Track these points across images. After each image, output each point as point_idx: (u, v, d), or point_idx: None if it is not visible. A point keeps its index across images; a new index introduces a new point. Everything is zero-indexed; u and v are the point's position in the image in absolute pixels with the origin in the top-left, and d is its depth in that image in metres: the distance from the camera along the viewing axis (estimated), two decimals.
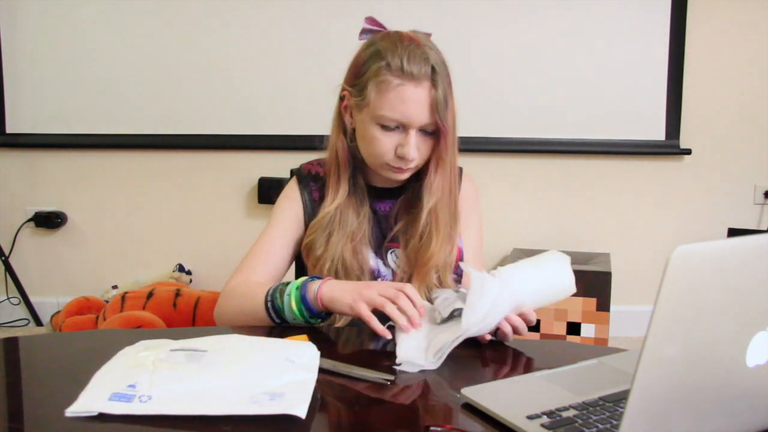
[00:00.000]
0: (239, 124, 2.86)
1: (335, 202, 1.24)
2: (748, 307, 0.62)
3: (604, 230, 2.91)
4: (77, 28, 2.84)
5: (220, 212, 2.95)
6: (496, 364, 1.01)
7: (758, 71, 2.80)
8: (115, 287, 2.88)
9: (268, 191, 2.86)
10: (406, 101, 1.13)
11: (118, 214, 2.96)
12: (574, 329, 2.53)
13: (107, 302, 2.60)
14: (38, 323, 2.95)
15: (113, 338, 1.17)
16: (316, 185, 1.29)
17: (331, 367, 0.91)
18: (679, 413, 0.62)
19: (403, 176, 1.22)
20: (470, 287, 0.99)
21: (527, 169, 2.89)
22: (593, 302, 2.50)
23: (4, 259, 2.88)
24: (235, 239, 2.93)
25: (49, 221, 2.92)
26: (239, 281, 1.21)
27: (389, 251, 1.26)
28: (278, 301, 1.09)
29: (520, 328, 1.04)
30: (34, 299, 2.95)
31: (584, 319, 2.52)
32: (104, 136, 2.89)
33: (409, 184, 1.27)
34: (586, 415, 0.76)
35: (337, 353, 1.00)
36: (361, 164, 1.26)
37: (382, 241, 1.27)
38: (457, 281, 1.27)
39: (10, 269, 2.89)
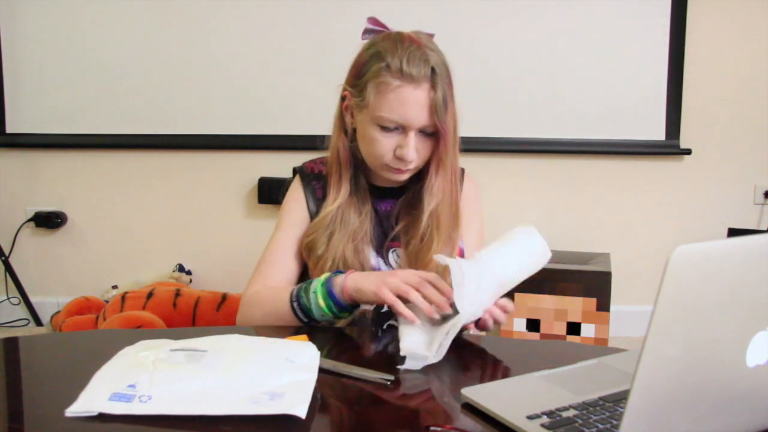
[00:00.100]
0: (239, 124, 2.86)
1: (337, 201, 1.24)
2: (748, 307, 0.62)
3: (604, 230, 2.91)
4: (77, 27, 2.84)
5: (220, 212, 2.95)
6: (496, 364, 1.01)
7: (758, 71, 2.80)
8: (115, 287, 2.88)
9: (268, 191, 2.86)
10: (405, 103, 1.13)
11: (118, 214, 2.96)
12: (574, 329, 2.53)
13: (107, 302, 2.60)
14: (38, 323, 2.95)
15: (113, 338, 1.17)
16: (319, 184, 1.29)
17: (331, 367, 0.91)
18: (679, 413, 0.62)
19: (402, 177, 1.22)
20: (451, 276, 0.99)
21: (527, 169, 2.89)
22: (593, 302, 2.50)
23: (4, 259, 2.88)
24: (235, 239, 2.94)
25: (49, 221, 2.92)
26: (258, 288, 1.22)
27: (391, 250, 1.26)
28: (304, 299, 1.10)
29: (499, 318, 1.05)
30: (34, 299, 2.95)
31: (584, 319, 2.52)
32: (104, 136, 2.89)
33: (410, 184, 1.27)
34: (586, 415, 0.76)
35: (337, 353, 1.00)
36: (362, 164, 1.26)
37: (383, 240, 1.27)
38: None
39: (10, 269, 2.89)
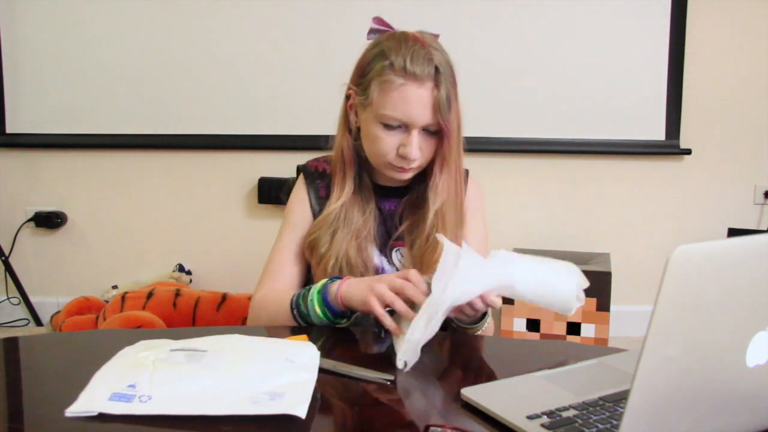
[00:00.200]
0: (239, 124, 2.86)
1: (340, 199, 1.24)
2: (748, 307, 0.62)
3: (604, 230, 2.91)
4: (77, 28, 2.84)
5: (220, 212, 2.94)
6: (496, 364, 1.01)
7: (758, 71, 2.80)
8: (115, 287, 2.88)
9: (268, 191, 2.86)
10: (408, 101, 1.14)
11: (118, 214, 2.96)
12: (574, 329, 2.53)
13: (107, 302, 2.60)
14: (38, 323, 2.95)
15: (113, 338, 1.16)
16: (322, 182, 1.30)
17: (331, 367, 0.91)
18: (679, 413, 0.62)
19: (405, 176, 1.22)
20: (442, 257, 0.97)
21: (527, 169, 2.89)
22: (593, 302, 2.50)
23: (4, 259, 2.88)
24: (235, 239, 2.94)
25: (49, 221, 2.92)
26: (266, 291, 1.23)
27: (394, 250, 1.26)
28: (302, 307, 1.11)
29: (477, 306, 1.00)
30: (34, 299, 2.95)
31: (584, 319, 2.52)
32: (104, 136, 2.89)
33: (414, 184, 1.27)
34: (586, 415, 0.76)
35: (337, 353, 1.00)
36: (366, 163, 1.26)
37: (387, 239, 1.27)
38: None
39: (10, 269, 2.89)
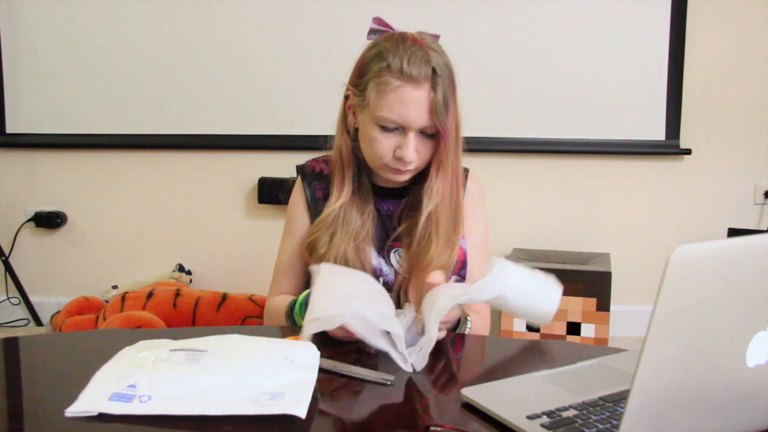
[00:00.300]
0: (239, 124, 2.86)
1: (339, 200, 1.24)
2: (748, 307, 0.62)
3: (604, 230, 2.91)
4: (77, 27, 2.84)
5: (220, 212, 2.95)
6: (496, 364, 1.01)
7: (758, 71, 2.80)
8: (115, 287, 2.88)
9: (268, 191, 2.86)
10: (404, 103, 1.13)
11: (118, 214, 2.96)
12: (574, 329, 2.53)
13: (107, 302, 2.60)
14: (38, 323, 2.95)
15: (113, 338, 1.17)
16: (320, 184, 1.30)
17: (331, 367, 0.91)
18: (679, 413, 0.62)
19: (402, 177, 1.22)
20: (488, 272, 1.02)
21: (527, 169, 2.89)
22: (593, 302, 2.50)
23: (4, 259, 2.88)
24: (235, 239, 2.94)
25: (49, 221, 2.92)
26: (274, 298, 1.29)
27: (393, 250, 1.26)
28: (291, 319, 1.16)
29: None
30: (34, 299, 2.95)
31: (584, 319, 2.52)
32: (104, 136, 2.89)
33: (413, 185, 1.27)
34: (586, 415, 0.76)
35: (337, 353, 1.00)
36: (365, 164, 1.26)
37: (385, 240, 1.27)
38: (459, 282, 1.27)
39: (10, 269, 2.89)
